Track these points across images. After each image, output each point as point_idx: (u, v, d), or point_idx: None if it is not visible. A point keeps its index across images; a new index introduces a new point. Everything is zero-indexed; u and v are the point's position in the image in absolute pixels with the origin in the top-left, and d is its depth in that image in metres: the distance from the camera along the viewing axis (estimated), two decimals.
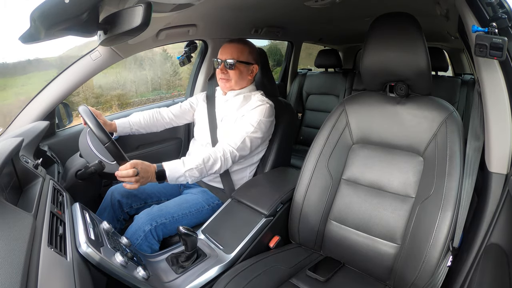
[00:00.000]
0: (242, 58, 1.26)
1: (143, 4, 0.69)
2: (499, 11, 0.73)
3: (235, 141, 1.17)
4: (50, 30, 0.71)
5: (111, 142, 0.99)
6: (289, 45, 2.77)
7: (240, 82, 1.29)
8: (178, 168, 1.06)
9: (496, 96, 0.78)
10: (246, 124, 1.21)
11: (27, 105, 1.27)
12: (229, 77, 1.27)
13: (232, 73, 1.26)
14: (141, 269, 0.80)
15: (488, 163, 0.81)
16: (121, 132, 1.34)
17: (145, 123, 1.38)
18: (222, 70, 1.27)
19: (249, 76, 1.31)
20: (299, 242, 1.12)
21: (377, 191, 0.99)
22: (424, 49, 0.88)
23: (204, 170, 1.10)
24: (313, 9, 1.36)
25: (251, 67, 1.30)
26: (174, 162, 1.08)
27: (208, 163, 1.11)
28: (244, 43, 1.30)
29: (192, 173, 1.08)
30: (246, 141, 1.19)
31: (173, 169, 1.06)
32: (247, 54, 1.28)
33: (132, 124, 1.36)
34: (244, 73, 1.29)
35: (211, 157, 1.12)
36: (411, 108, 0.97)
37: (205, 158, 1.11)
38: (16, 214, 0.62)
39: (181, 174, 1.06)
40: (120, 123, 1.33)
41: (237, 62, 1.25)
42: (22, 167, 0.87)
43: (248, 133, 1.19)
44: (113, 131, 1.32)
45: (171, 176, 1.05)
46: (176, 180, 1.07)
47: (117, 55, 1.35)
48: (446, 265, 0.82)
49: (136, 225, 1.09)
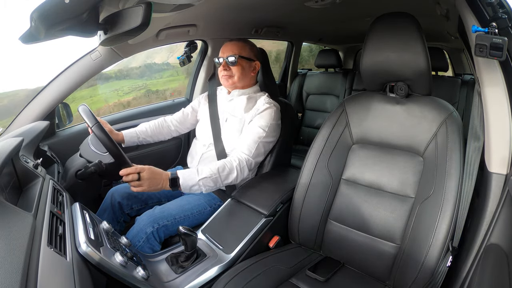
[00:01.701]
0: (244, 54, 1.26)
1: (143, 4, 0.69)
2: (499, 11, 0.73)
3: (250, 149, 1.17)
4: (50, 30, 0.71)
5: (112, 143, 0.99)
6: (289, 45, 2.77)
7: (243, 78, 1.29)
8: (192, 176, 1.05)
9: (496, 96, 0.78)
10: (257, 129, 1.20)
11: (27, 105, 1.27)
12: (232, 73, 1.27)
13: (235, 69, 1.26)
14: (140, 269, 0.80)
15: (488, 163, 0.81)
16: (129, 142, 1.35)
17: (151, 132, 1.39)
18: (225, 67, 1.26)
19: (252, 72, 1.31)
20: (298, 242, 1.12)
21: (377, 191, 0.99)
22: (424, 49, 0.88)
23: (219, 180, 1.10)
24: (313, 9, 1.36)
25: (253, 64, 1.30)
26: (188, 170, 1.07)
27: (223, 173, 1.10)
28: (244, 41, 1.31)
29: (206, 182, 1.07)
30: (260, 147, 1.19)
31: (187, 177, 1.05)
32: (248, 50, 1.28)
33: (139, 133, 1.37)
34: (246, 69, 1.28)
35: (226, 167, 1.11)
36: (411, 108, 0.97)
37: (220, 167, 1.10)
38: (16, 214, 0.62)
39: (195, 183, 1.05)
40: (127, 133, 1.34)
41: (239, 57, 1.25)
42: (22, 167, 0.87)
43: (261, 138, 1.19)
44: (120, 141, 1.33)
45: (185, 184, 1.04)
46: (190, 188, 1.06)
47: (117, 55, 1.35)
48: (446, 265, 0.82)
49: (138, 227, 1.09)
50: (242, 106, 1.28)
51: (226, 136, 1.29)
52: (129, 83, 4.82)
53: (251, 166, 1.18)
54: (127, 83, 4.80)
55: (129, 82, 4.81)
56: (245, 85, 1.32)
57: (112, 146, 0.99)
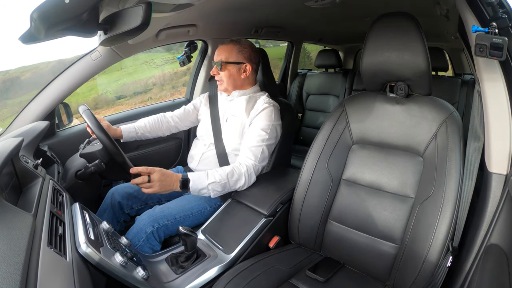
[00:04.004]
0: (230, 59, 1.26)
1: (143, 4, 0.69)
2: (499, 11, 0.73)
3: (255, 154, 1.17)
4: (50, 30, 0.71)
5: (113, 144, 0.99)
6: (289, 45, 2.77)
7: (232, 82, 1.29)
8: (202, 180, 1.06)
9: (496, 96, 0.78)
10: (259, 131, 1.20)
11: (27, 105, 1.27)
12: (221, 78, 1.28)
13: (222, 74, 1.27)
14: (140, 269, 0.80)
15: (488, 163, 0.81)
16: (127, 137, 1.35)
17: (150, 128, 1.39)
18: (214, 71, 1.28)
19: (242, 75, 1.29)
20: (298, 242, 1.12)
21: (377, 191, 0.99)
22: (424, 49, 0.88)
23: (227, 185, 1.10)
24: (313, 9, 1.36)
25: (243, 66, 1.28)
26: (199, 173, 1.08)
27: (232, 179, 1.11)
28: (235, 42, 1.28)
29: (215, 187, 1.07)
30: (264, 150, 1.19)
31: (196, 179, 1.06)
32: (236, 53, 1.26)
33: (138, 128, 1.36)
34: (234, 73, 1.27)
35: (235, 173, 1.12)
36: (411, 108, 0.97)
37: (229, 173, 1.11)
38: (16, 214, 0.62)
39: (204, 186, 1.06)
40: (125, 128, 1.34)
41: (223, 63, 1.25)
42: (22, 167, 0.87)
43: (264, 141, 1.19)
44: (118, 137, 1.32)
45: (194, 187, 1.05)
46: (198, 191, 1.07)
47: (117, 55, 1.35)
48: (446, 266, 0.82)
49: (138, 226, 1.09)
50: (243, 107, 1.28)
51: (226, 136, 1.29)
52: (157, 56, 4.86)
53: (258, 172, 1.19)
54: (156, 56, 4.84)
55: (157, 55, 4.86)
56: (240, 87, 1.31)
57: (113, 147, 0.99)
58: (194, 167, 1.35)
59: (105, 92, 4.76)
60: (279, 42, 4.02)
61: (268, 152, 1.22)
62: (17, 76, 4.11)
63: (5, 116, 3.56)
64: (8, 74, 4.02)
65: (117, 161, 1.00)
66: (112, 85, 4.87)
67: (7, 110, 3.83)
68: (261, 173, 1.32)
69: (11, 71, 4.07)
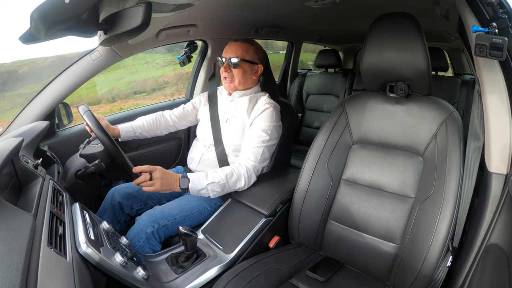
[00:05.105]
0: (246, 57, 1.25)
1: (143, 4, 0.69)
2: (499, 11, 0.73)
3: (256, 155, 1.17)
4: (50, 30, 0.71)
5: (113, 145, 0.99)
6: (289, 45, 2.77)
7: (244, 81, 1.28)
8: (201, 180, 1.06)
9: (496, 96, 0.78)
10: (260, 132, 1.20)
11: (27, 105, 1.27)
12: (233, 76, 1.26)
13: (236, 72, 1.26)
14: (140, 269, 0.80)
15: (488, 163, 0.81)
16: (125, 136, 1.34)
17: (148, 127, 1.38)
18: (226, 68, 1.26)
19: (254, 76, 1.30)
20: (298, 242, 1.12)
21: (376, 191, 0.99)
22: (424, 49, 0.88)
23: (226, 186, 1.10)
24: (313, 9, 1.36)
25: (256, 67, 1.29)
26: (198, 174, 1.08)
27: (231, 179, 1.11)
28: (250, 42, 1.29)
29: (214, 188, 1.08)
30: (265, 151, 1.19)
31: (195, 180, 1.06)
32: (252, 53, 1.27)
33: (136, 128, 1.36)
34: (248, 72, 1.28)
35: (234, 173, 1.12)
36: (411, 108, 0.97)
37: (229, 174, 1.11)
38: (16, 214, 0.62)
39: (203, 187, 1.06)
40: (123, 127, 1.33)
41: (241, 60, 1.24)
42: (22, 167, 0.87)
43: (265, 142, 1.19)
44: (116, 136, 1.32)
45: (193, 188, 1.06)
46: (198, 192, 1.07)
47: (117, 55, 1.35)
48: (446, 265, 0.82)
49: (138, 226, 1.09)
50: (244, 107, 1.28)
51: (226, 137, 1.28)
52: (157, 57, 4.90)
53: (258, 173, 1.19)
54: (156, 57, 4.89)
55: (156, 56, 4.91)
56: (245, 88, 1.32)
57: (114, 148, 0.99)
58: (194, 168, 1.35)
59: (112, 89, 4.82)
60: (278, 50, 4.02)
61: (269, 153, 1.22)
62: (14, 69, 4.11)
63: (4, 108, 3.55)
64: (3, 67, 4.02)
65: (118, 162, 1.00)
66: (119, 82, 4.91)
67: (5, 102, 3.82)
68: (261, 173, 1.32)
69: (6, 64, 4.07)
